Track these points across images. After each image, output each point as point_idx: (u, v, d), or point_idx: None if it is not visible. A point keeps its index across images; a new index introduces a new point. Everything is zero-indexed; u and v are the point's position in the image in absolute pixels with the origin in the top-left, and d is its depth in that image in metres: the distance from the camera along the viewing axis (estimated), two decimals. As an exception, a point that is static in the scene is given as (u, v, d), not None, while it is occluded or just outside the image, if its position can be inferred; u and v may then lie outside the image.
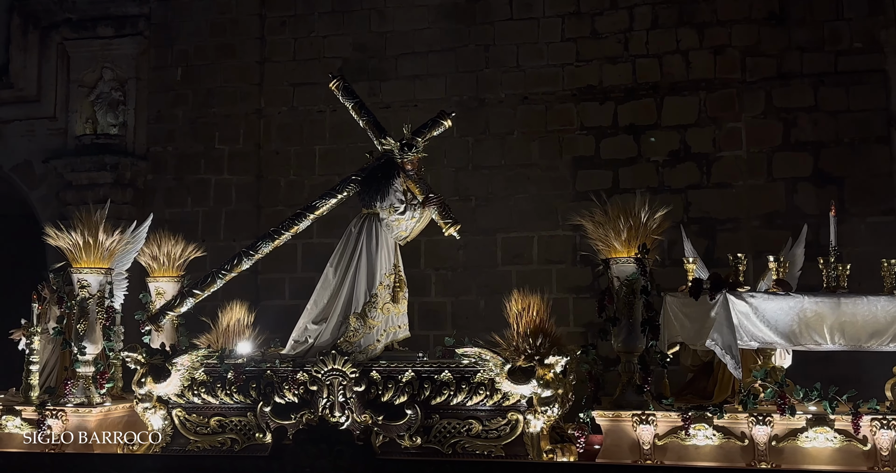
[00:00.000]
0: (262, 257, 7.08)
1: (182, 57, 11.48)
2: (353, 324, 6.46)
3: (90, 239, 6.66)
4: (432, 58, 10.96)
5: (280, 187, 11.20)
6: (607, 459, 5.90)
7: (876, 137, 9.79)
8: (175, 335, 7.06)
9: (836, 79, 9.93)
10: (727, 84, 10.18)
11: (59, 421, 6.41)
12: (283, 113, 11.33)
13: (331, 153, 11.11)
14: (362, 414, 6.17)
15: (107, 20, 11.43)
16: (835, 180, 9.82)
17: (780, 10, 10.12)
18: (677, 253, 8.19)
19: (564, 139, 10.54)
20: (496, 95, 10.76)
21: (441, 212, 6.77)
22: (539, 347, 6.00)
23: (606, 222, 6.21)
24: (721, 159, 10.16)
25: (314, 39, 11.35)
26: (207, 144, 11.32)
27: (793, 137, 10.00)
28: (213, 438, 6.43)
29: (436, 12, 11.01)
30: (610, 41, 10.50)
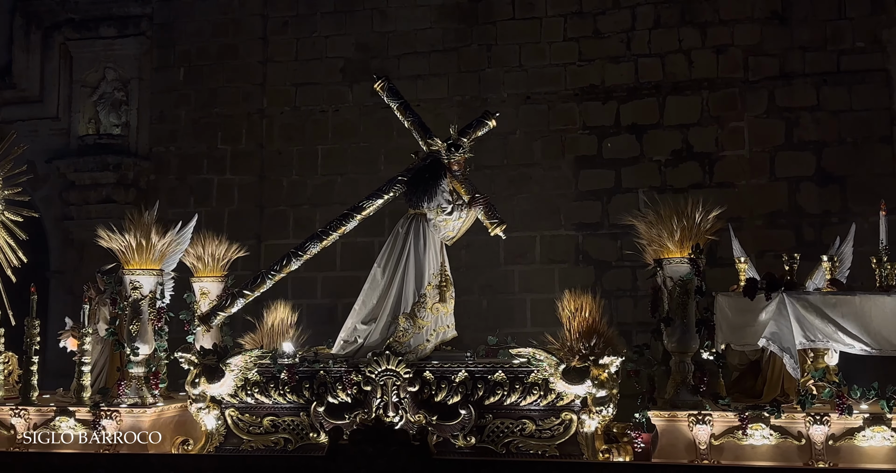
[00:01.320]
0: (310, 257, 7.05)
1: (184, 57, 11.49)
2: (403, 324, 6.46)
3: (142, 240, 6.66)
4: (434, 58, 10.97)
5: (283, 187, 11.21)
6: (663, 459, 5.88)
7: (878, 137, 9.80)
8: (219, 336, 7.07)
9: (838, 78, 9.93)
10: (730, 83, 10.19)
11: (114, 422, 6.40)
12: (286, 113, 11.34)
13: (333, 153, 11.13)
14: (416, 414, 6.17)
15: (109, 20, 11.45)
16: (837, 180, 9.83)
17: (782, 9, 10.13)
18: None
19: (567, 139, 10.54)
20: (498, 94, 10.76)
21: (487, 212, 6.76)
22: (593, 347, 5.99)
23: (659, 223, 6.16)
24: (724, 159, 10.16)
25: (316, 39, 11.37)
26: (210, 145, 11.33)
27: (795, 136, 10.00)
28: (267, 438, 6.45)
29: (438, 12, 11.02)
30: (612, 41, 10.50)
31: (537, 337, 6.35)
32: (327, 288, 10.50)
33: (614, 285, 10.14)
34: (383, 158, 10.97)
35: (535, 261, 10.16)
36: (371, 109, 11.11)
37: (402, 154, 10.88)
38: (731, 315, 6.13)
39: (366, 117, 11.12)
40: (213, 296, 7.14)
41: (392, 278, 6.59)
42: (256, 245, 11.20)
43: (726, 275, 9.59)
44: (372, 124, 11.07)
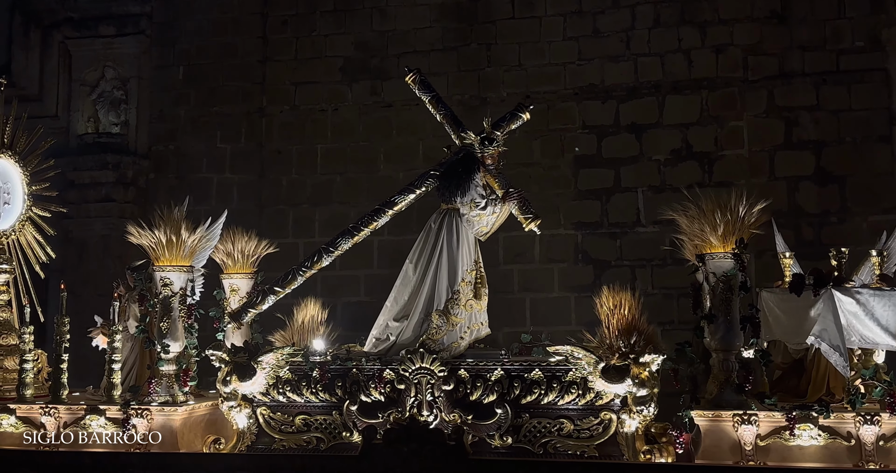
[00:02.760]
0: (341, 253, 6.99)
1: (184, 56, 11.48)
2: (436, 321, 6.35)
3: (173, 237, 6.59)
4: (434, 57, 10.96)
5: (282, 186, 11.21)
6: (707, 460, 5.73)
7: (878, 136, 9.80)
8: (249, 333, 7.03)
9: (837, 77, 9.94)
10: (729, 83, 10.19)
11: (144, 420, 6.35)
12: (285, 112, 11.33)
13: (333, 152, 11.13)
14: (451, 413, 6.08)
15: (108, 19, 11.43)
16: (837, 179, 9.83)
17: (781, 8, 10.13)
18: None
19: (566, 138, 10.54)
20: (498, 93, 10.76)
21: (521, 207, 6.62)
22: (633, 345, 5.86)
23: (701, 217, 6.02)
24: (723, 158, 10.16)
25: (316, 38, 11.36)
26: (209, 143, 11.32)
27: (794, 135, 10.00)
28: (299, 437, 6.37)
29: (437, 11, 11.02)
30: (612, 40, 10.50)
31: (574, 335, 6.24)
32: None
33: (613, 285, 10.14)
34: (382, 158, 10.98)
35: (534, 260, 10.16)
36: (370, 108, 11.11)
37: (401, 153, 10.96)
38: (776, 312, 6.01)
39: (365, 116, 11.12)
40: (243, 293, 7.10)
41: (424, 274, 6.48)
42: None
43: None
44: (371, 123, 11.08)
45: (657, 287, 10.10)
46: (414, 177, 10.72)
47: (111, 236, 10.92)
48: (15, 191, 7.59)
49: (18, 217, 7.58)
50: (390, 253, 9.02)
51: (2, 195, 7.48)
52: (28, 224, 7.68)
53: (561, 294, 10.09)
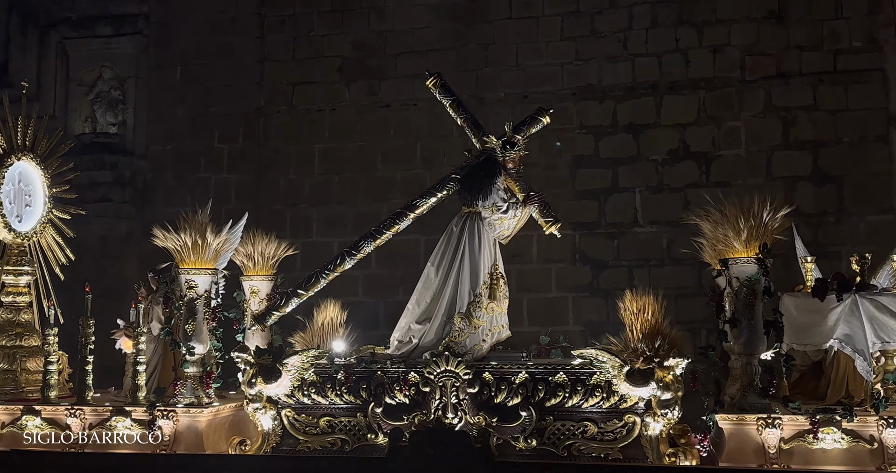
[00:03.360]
0: (364, 256, 6.99)
1: (181, 56, 11.47)
2: (458, 324, 6.38)
3: (198, 239, 6.59)
4: (432, 57, 10.95)
5: (280, 186, 11.20)
6: (731, 463, 5.76)
7: (875, 136, 9.81)
8: (269, 335, 7.04)
9: (835, 78, 9.95)
10: (726, 83, 10.20)
11: (170, 422, 6.36)
12: (283, 112, 11.33)
13: (331, 152, 11.13)
14: (475, 416, 6.09)
15: (106, 19, 11.43)
16: (834, 179, 9.84)
17: (779, 8, 10.14)
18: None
19: (564, 138, 10.54)
20: (496, 93, 10.76)
21: (542, 210, 6.65)
22: (658, 348, 5.87)
23: (725, 222, 6.04)
24: (720, 158, 10.17)
25: (313, 38, 11.36)
26: (207, 143, 11.32)
27: (792, 136, 10.01)
28: (323, 438, 6.39)
29: (435, 11, 11.02)
30: (609, 40, 10.51)
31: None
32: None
33: (611, 285, 10.14)
34: (380, 158, 10.99)
35: (531, 260, 10.14)
36: (368, 108, 11.12)
37: (399, 154, 10.96)
38: (797, 316, 6.02)
39: (363, 117, 11.12)
40: (263, 295, 7.11)
41: (447, 277, 6.51)
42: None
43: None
44: (369, 124, 11.08)
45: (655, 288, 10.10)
46: (411, 177, 10.87)
47: (109, 237, 10.92)
48: (36, 193, 7.64)
49: (40, 219, 7.62)
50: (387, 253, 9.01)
51: (23, 197, 7.50)
52: (49, 226, 7.72)
53: (559, 294, 10.10)
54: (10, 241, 7.37)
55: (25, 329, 7.32)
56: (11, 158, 7.41)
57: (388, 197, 10.73)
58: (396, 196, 10.78)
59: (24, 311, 7.40)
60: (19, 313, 7.36)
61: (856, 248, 8.97)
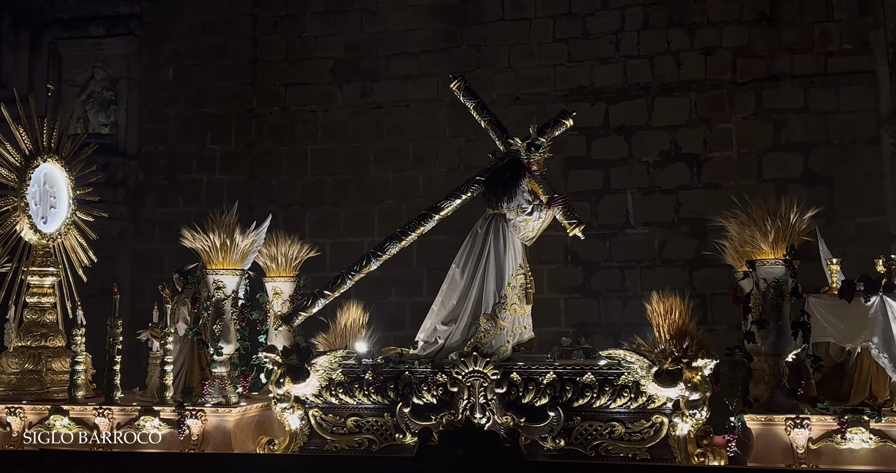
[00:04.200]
0: (389, 257, 7.00)
1: (174, 56, 11.48)
2: (484, 325, 6.39)
3: (227, 240, 6.58)
4: (424, 58, 10.99)
5: (272, 187, 11.20)
6: (759, 463, 5.78)
7: (866, 138, 9.87)
8: (291, 335, 7.00)
9: (825, 80, 10.01)
10: (718, 85, 10.24)
11: (199, 421, 6.34)
12: (276, 113, 11.34)
13: (323, 153, 11.14)
14: (503, 416, 6.11)
15: (98, 20, 11.44)
16: (824, 181, 9.88)
17: (770, 11, 10.19)
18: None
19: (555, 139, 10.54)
20: (488, 95, 10.70)
21: (566, 212, 6.66)
22: (686, 349, 5.88)
23: (752, 223, 6.04)
24: (711, 160, 10.21)
25: (306, 39, 11.38)
26: (199, 144, 11.32)
27: (783, 137, 10.07)
28: (350, 438, 6.39)
29: (428, 12, 11.04)
30: (601, 42, 10.55)
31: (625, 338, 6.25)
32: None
33: (602, 286, 10.19)
34: (373, 159, 11.00)
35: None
36: (361, 109, 11.13)
37: (391, 155, 10.97)
38: (823, 317, 6.07)
39: (355, 118, 11.13)
40: (286, 296, 7.10)
41: (472, 278, 6.53)
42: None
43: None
44: (362, 125, 11.09)
45: (646, 289, 10.11)
46: (403, 178, 10.89)
47: (100, 237, 10.89)
48: (60, 195, 7.63)
49: (64, 221, 7.62)
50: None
51: (48, 199, 7.49)
52: (73, 228, 7.72)
53: (551, 295, 10.11)
54: (36, 242, 7.36)
55: (50, 330, 7.30)
56: (37, 160, 7.40)
57: (380, 198, 10.76)
58: (389, 197, 10.82)
59: (49, 312, 7.37)
60: (44, 314, 7.34)
61: (846, 249, 9.03)
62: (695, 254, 9.97)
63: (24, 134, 7.32)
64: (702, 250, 9.92)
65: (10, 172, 7.24)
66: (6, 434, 6.64)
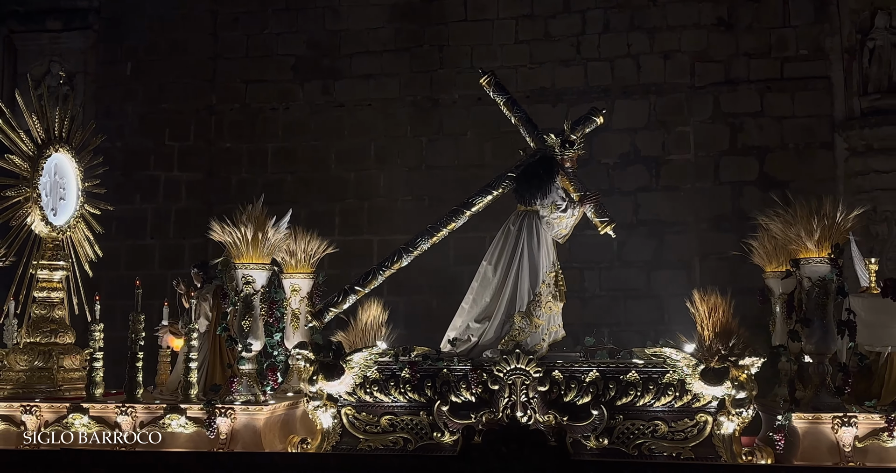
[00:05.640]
0: (420, 253, 6.94)
1: (132, 52, 11.33)
2: (518, 323, 6.33)
3: (258, 233, 6.35)
4: (386, 57, 10.97)
5: (231, 185, 11.10)
6: (806, 461, 5.75)
7: (820, 143, 10.06)
8: (308, 333, 6.87)
9: (782, 85, 10.18)
10: (676, 88, 10.36)
11: (227, 420, 6.09)
12: (235, 110, 11.24)
13: (283, 151, 11.07)
14: (545, 414, 5.99)
15: (55, 13, 11.24)
16: (780, 184, 10.03)
17: (728, 16, 10.34)
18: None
19: (517, 141, 10.59)
20: (450, 95, 10.81)
21: (597, 210, 6.64)
22: (733, 347, 5.84)
23: (797, 222, 6.00)
24: (670, 163, 10.32)
25: (267, 36, 11.29)
26: (157, 141, 11.19)
27: (739, 141, 10.22)
28: (384, 437, 6.23)
29: (390, 12, 11.02)
30: (563, 44, 10.62)
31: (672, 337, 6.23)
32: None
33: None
34: (334, 157, 10.96)
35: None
36: (322, 107, 11.08)
37: (352, 154, 10.93)
38: (864, 316, 6.07)
39: (317, 116, 11.08)
40: (304, 293, 6.96)
41: (506, 276, 6.46)
42: (204, 243, 11.05)
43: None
44: (323, 123, 11.05)
45: (605, 289, 10.24)
46: (366, 177, 10.86)
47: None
48: (70, 187, 7.34)
49: (73, 213, 7.34)
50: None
51: (58, 190, 7.19)
52: (81, 221, 7.43)
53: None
54: (46, 235, 7.04)
55: (60, 326, 7.01)
56: (49, 150, 7.10)
57: (341, 197, 10.73)
58: (350, 196, 10.79)
59: (58, 307, 7.06)
60: (53, 309, 7.02)
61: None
62: (653, 255, 10.08)
63: (37, 122, 7.03)
64: (659, 251, 10.07)
65: (24, 162, 6.90)
66: (20, 433, 6.35)
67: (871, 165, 9.62)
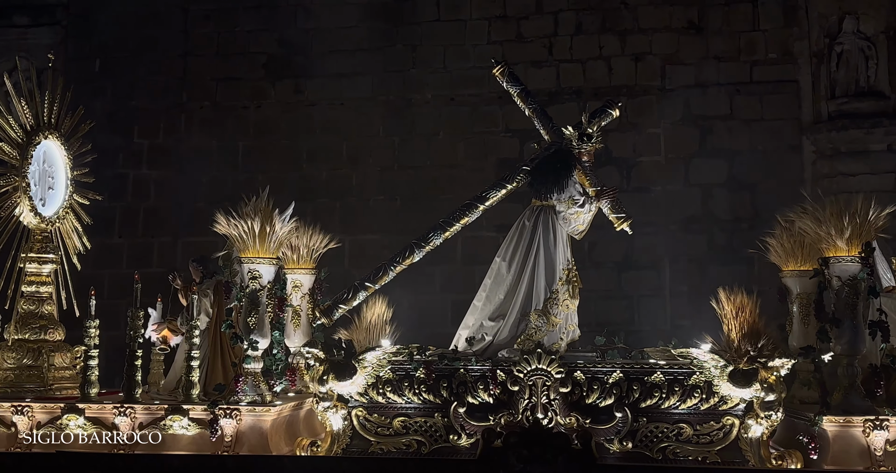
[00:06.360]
0: (433, 248, 6.78)
1: (101, 48, 11.20)
2: (535, 321, 6.16)
3: (266, 226, 6.06)
4: (359, 56, 10.94)
5: (202, 184, 11.00)
6: (836, 466, 5.59)
7: (788, 145, 10.19)
8: (309, 332, 6.70)
9: (750, 88, 10.30)
10: (647, 91, 10.45)
11: (233, 421, 5.82)
12: (206, 108, 11.16)
13: (255, 150, 11.00)
14: (567, 417, 5.78)
15: (23, 8, 11.09)
16: (748, 187, 10.16)
17: (698, 19, 10.44)
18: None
19: (489, 141, 10.64)
20: (423, 95, 10.81)
21: (614, 206, 6.47)
22: (762, 349, 5.68)
23: (828, 220, 5.84)
24: (640, 164, 10.39)
25: (238, 34, 11.23)
26: (126, 138, 11.07)
27: (709, 143, 10.31)
28: (397, 440, 6.00)
29: (363, 11, 11.00)
30: (535, 45, 10.66)
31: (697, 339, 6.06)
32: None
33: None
34: (306, 157, 10.91)
35: (456, 261, 10.20)
36: (294, 106, 11.03)
37: (324, 153, 10.89)
38: (894, 317, 5.97)
39: (288, 114, 11.03)
40: (306, 289, 6.75)
41: (521, 272, 6.27)
42: (173, 242, 11.00)
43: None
44: (295, 122, 10.99)
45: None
46: (338, 177, 10.82)
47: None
48: (58, 175, 7.01)
49: (62, 204, 7.03)
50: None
51: (46, 179, 6.87)
52: (69, 212, 7.13)
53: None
54: (35, 226, 6.75)
55: (49, 322, 6.72)
56: (39, 137, 6.81)
57: (313, 196, 10.67)
58: (322, 196, 10.74)
59: (47, 302, 6.77)
60: (42, 304, 6.73)
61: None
62: (623, 256, 10.14)
63: (26, 107, 6.76)
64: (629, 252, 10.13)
65: (13, 149, 6.61)
66: (11, 435, 6.07)
67: (838, 168, 9.75)
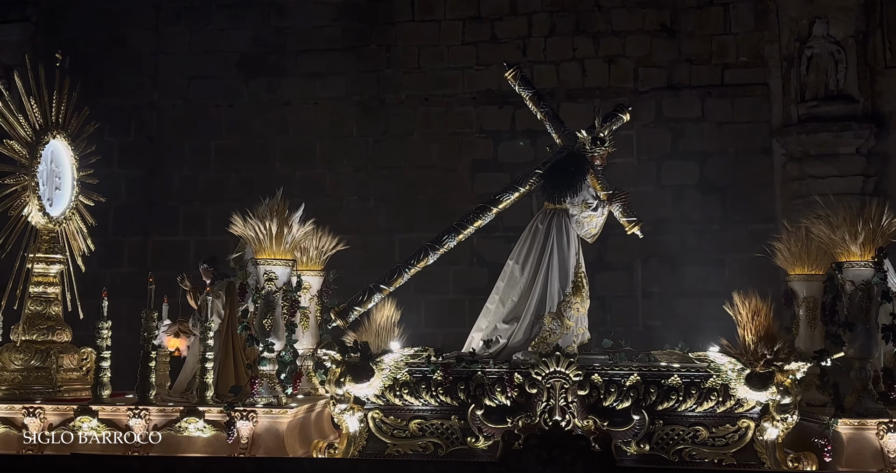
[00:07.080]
0: (447, 251, 6.78)
1: (71, 45, 11.03)
2: (549, 324, 6.20)
3: (283, 227, 6.04)
4: (333, 56, 10.92)
5: (173, 182, 10.93)
6: (851, 468, 5.64)
7: (758, 148, 10.29)
8: (318, 333, 6.66)
9: (722, 91, 10.40)
10: (620, 93, 10.48)
11: (249, 423, 5.78)
12: (178, 106, 11.07)
13: (227, 149, 10.93)
14: (584, 419, 5.82)
15: (-8, 5, 10.96)
16: (719, 189, 10.26)
17: (671, 22, 10.52)
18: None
19: (463, 142, 10.65)
20: (397, 95, 10.80)
21: (625, 210, 6.50)
22: (778, 352, 5.74)
23: (842, 225, 5.92)
24: (613, 166, 10.38)
25: (211, 32, 11.15)
26: (96, 136, 10.88)
27: (681, 145, 10.40)
28: (413, 442, 6.00)
29: (337, 10, 10.97)
30: (509, 46, 10.68)
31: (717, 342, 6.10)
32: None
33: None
34: (279, 156, 10.86)
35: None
36: (267, 105, 10.98)
37: (297, 152, 10.84)
38: None
39: (261, 114, 10.97)
40: (314, 290, 6.71)
41: (534, 275, 6.31)
42: (144, 241, 10.91)
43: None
44: (267, 121, 10.94)
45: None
46: (311, 177, 10.78)
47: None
48: (65, 176, 6.95)
49: (68, 204, 6.95)
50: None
51: (53, 179, 6.81)
52: (75, 213, 7.04)
53: (456, 296, 10.18)
54: (42, 226, 6.67)
55: (57, 323, 6.65)
56: (47, 136, 6.75)
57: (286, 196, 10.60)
58: (295, 196, 10.64)
59: (55, 303, 6.70)
60: (49, 305, 6.65)
61: (738, 255, 9.41)
62: (597, 257, 10.18)
63: (35, 107, 6.70)
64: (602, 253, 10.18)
65: (23, 148, 6.55)
66: (21, 437, 5.97)
67: (807, 170, 9.85)
